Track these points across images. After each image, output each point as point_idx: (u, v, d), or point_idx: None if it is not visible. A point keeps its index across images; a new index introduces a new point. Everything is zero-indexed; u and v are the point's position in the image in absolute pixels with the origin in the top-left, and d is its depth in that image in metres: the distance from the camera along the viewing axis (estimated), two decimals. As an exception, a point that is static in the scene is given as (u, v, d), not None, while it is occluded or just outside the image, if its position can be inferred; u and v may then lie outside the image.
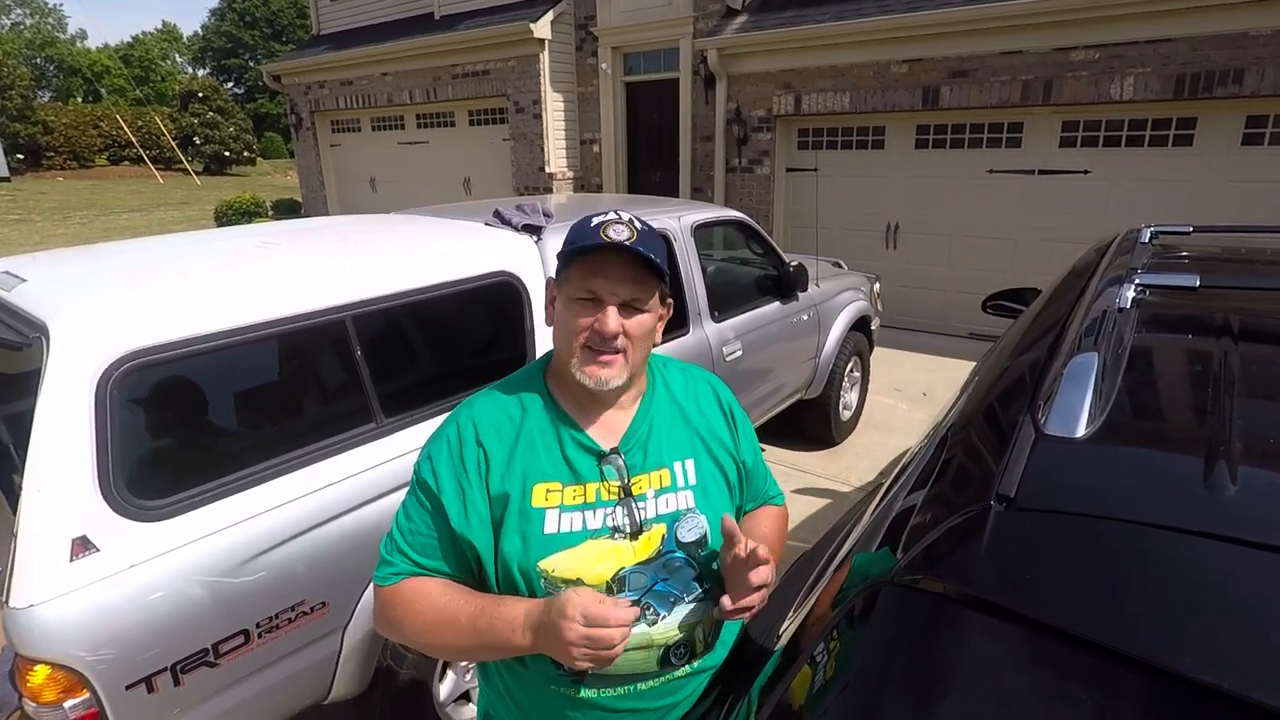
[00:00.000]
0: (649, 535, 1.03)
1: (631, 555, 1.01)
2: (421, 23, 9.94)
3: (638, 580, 1.01)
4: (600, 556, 1.00)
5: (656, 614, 1.02)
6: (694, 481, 1.08)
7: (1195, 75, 5.05)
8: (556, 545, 1.00)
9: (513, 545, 1.00)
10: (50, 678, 1.41)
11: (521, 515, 1.00)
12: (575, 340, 1.01)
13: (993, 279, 5.88)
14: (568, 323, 1.01)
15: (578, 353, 1.01)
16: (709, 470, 1.11)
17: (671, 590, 1.03)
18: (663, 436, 1.08)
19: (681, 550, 1.05)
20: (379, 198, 11.45)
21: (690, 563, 1.05)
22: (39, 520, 1.42)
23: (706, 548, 1.06)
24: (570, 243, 1.00)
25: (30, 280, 1.81)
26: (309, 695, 1.86)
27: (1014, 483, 0.82)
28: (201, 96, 24.13)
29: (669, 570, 1.04)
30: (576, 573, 0.99)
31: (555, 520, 1.00)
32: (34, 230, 13.79)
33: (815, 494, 3.85)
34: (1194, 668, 0.59)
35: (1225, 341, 1.18)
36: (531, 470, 1.02)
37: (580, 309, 1.00)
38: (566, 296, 1.02)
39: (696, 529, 1.05)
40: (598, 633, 0.87)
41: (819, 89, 6.80)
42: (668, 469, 1.07)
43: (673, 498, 1.06)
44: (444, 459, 1.04)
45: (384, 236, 2.52)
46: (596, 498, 1.02)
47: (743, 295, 3.59)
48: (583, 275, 0.99)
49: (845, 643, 0.82)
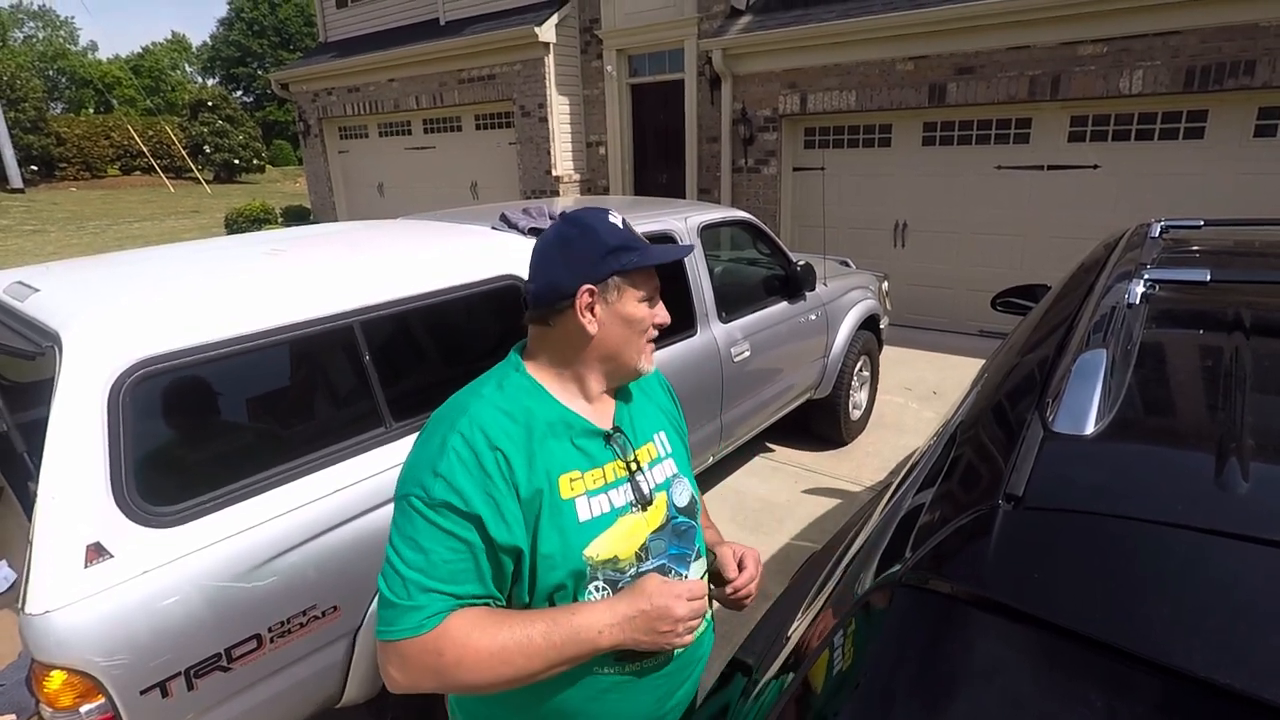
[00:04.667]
0: (657, 503, 1.11)
1: (646, 525, 1.09)
2: (427, 28, 9.99)
3: (658, 546, 1.09)
4: (630, 531, 1.07)
5: (680, 575, 1.10)
6: (670, 450, 1.19)
7: (1205, 68, 5.00)
8: (594, 530, 1.03)
9: (552, 543, 0.99)
10: (66, 683, 1.42)
11: (554, 510, 1.01)
12: (644, 336, 1.11)
13: (1002, 276, 5.86)
14: (638, 321, 1.09)
15: (644, 347, 1.12)
16: (674, 440, 1.22)
17: (685, 551, 1.13)
18: (638, 414, 1.18)
19: (682, 514, 1.14)
20: (387, 203, 11.52)
21: (693, 524, 1.16)
22: (54, 527, 1.44)
23: (698, 506, 1.19)
24: (626, 248, 1.06)
25: (43, 290, 1.84)
26: (321, 699, 1.87)
27: (1022, 481, 0.82)
28: (211, 105, 24.32)
29: (678, 534, 1.13)
30: (613, 550, 1.04)
31: (586, 507, 1.03)
32: (48, 240, 13.96)
33: (824, 494, 3.83)
34: (1206, 667, 0.58)
35: (1237, 337, 1.17)
36: (552, 464, 1.03)
37: (646, 306, 1.10)
38: (634, 298, 1.09)
39: (686, 491, 1.17)
40: (700, 604, 1.00)
41: (825, 88, 6.78)
42: (652, 442, 1.17)
43: (663, 467, 1.16)
44: (462, 475, 0.96)
45: (392, 242, 2.53)
46: (614, 477, 1.08)
47: (750, 295, 3.59)
48: (648, 277, 1.10)
49: (853, 643, 0.82)
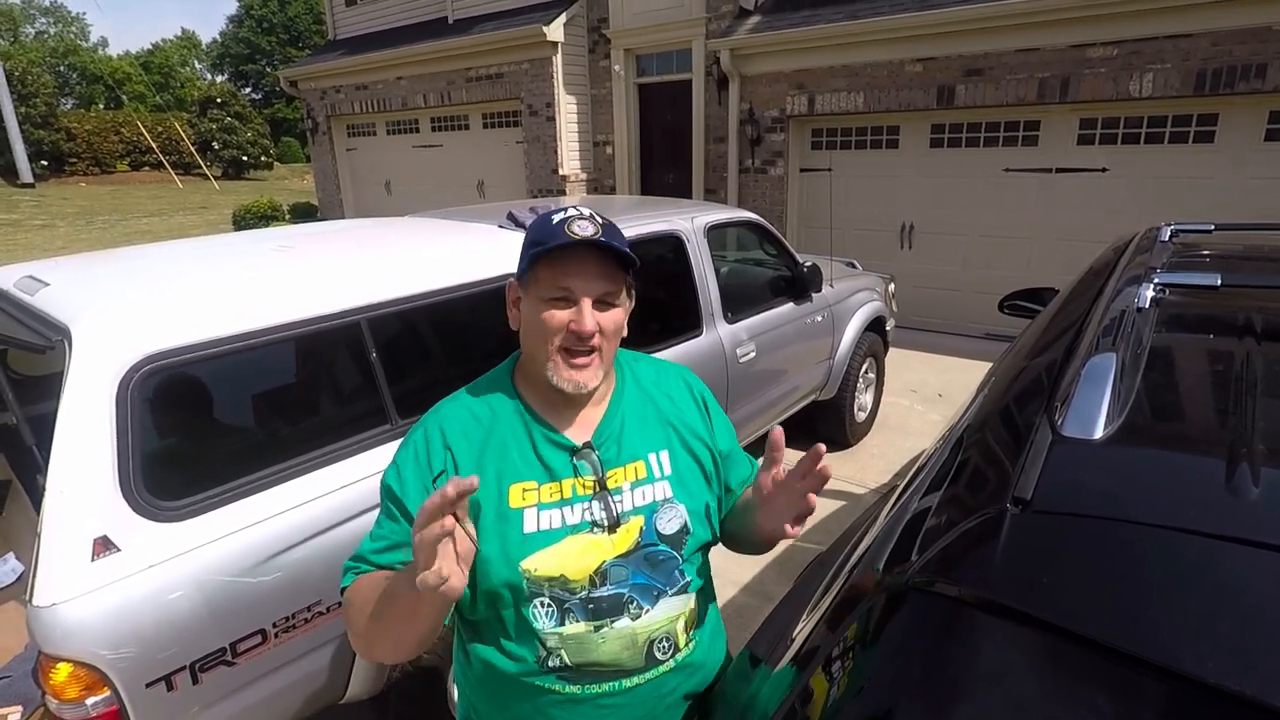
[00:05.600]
0: (627, 527, 1.03)
1: (611, 548, 1.01)
2: (435, 27, 10.01)
3: (619, 573, 1.01)
4: (581, 552, 1.00)
5: (640, 607, 1.02)
6: (669, 472, 1.08)
7: (1216, 71, 4.97)
8: (537, 544, 0.99)
9: (492, 549, 0.98)
10: (72, 675, 1.43)
11: (500, 517, 0.99)
12: (550, 342, 0.98)
13: (1009, 279, 5.83)
14: (539, 324, 0.98)
15: (553, 356, 0.98)
16: (684, 460, 1.10)
17: (654, 583, 1.03)
18: (635, 429, 1.08)
19: (664, 543, 1.05)
20: (394, 201, 11.54)
21: (673, 555, 1.05)
22: (61, 520, 1.44)
23: (690, 537, 1.07)
24: (536, 242, 0.97)
25: (53, 284, 1.84)
26: (325, 695, 1.87)
27: (1030, 485, 0.81)
28: (220, 102, 24.42)
29: (652, 564, 1.03)
30: (559, 569, 0.99)
31: (534, 519, 0.99)
32: (57, 235, 14.04)
33: (829, 496, 3.83)
34: (1215, 674, 0.58)
35: (1248, 342, 1.16)
36: (505, 471, 1.01)
37: (553, 308, 0.97)
38: (536, 297, 0.98)
39: (677, 519, 1.06)
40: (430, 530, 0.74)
41: (832, 89, 6.76)
42: (642, 461, 1.07)
43: (649, 489, 1.06)
44: (410, 465, 1.01)
45: (399, 240, 2.54)
46: (573, 493, 1.01)
47: (756, 296, 3.58)
48: (554, 274, 0.96)
49: (859, 647, 0.82)
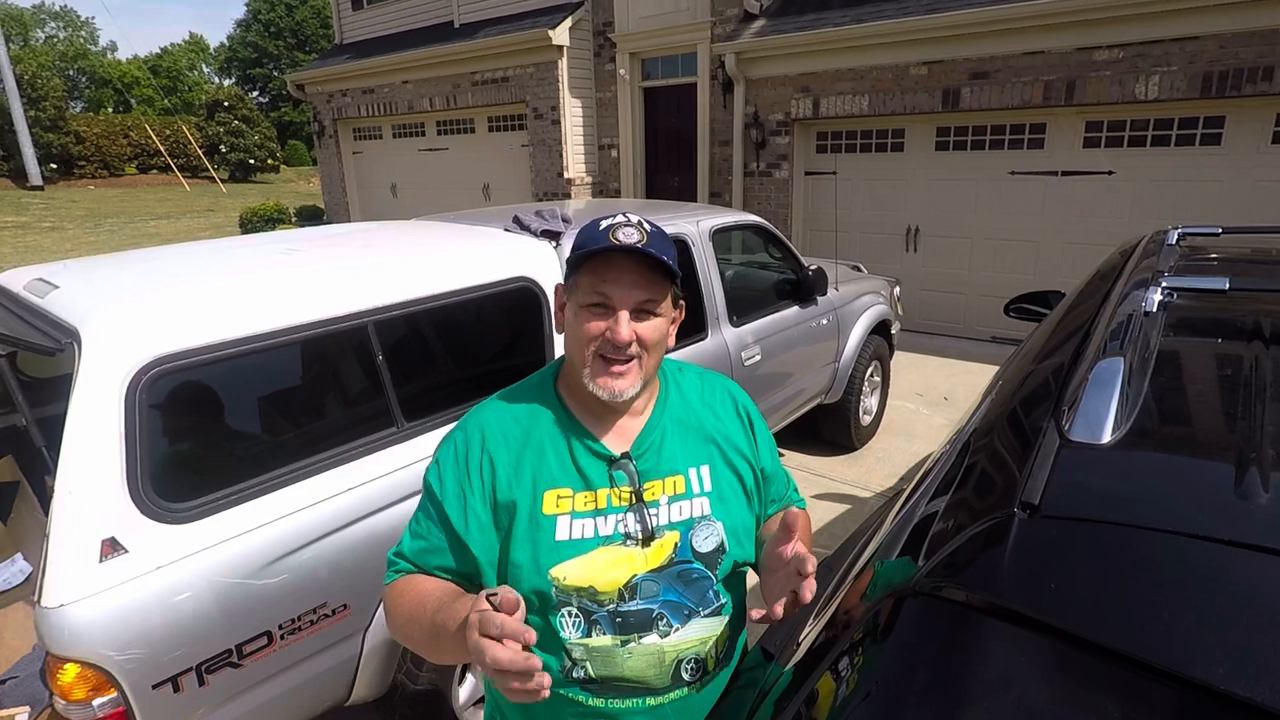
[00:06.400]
0: (661, 542, 1.00)
1: (644, 562, 0.99)
2: (441, 31, 10.05)
3: (650, 588, 0.99)
4: (612, 564, 0.98)
5: (670, 625, 1.00)
6: (709, 488, 1.05)
7: (1223, 73, 4.95)
8: (568, 552, 0.98)
9: (523, 554, 0.98)
10: (79, 676, 1.44)
11: (532, 522, 0.99)
12: (587, 349, 0.97)
13: (1015, 282, 5.82)
14: (578, 330, 0.98)
15: (590, 362, 0.98)
16: (725, 477, 1.08)
17: (685, 602, 1.01)
18: (676, 442, 1.06)
19: (699, 561, 1.02)
20: (400, 204, 11.58)
21: (708, 574, 1.02)
22: (70, 522, 1.45)
23: (726, 556, 1.04)
24: (579, 247, 0.97)
25: (62, 287, 1.86)
26: (330, 697, 1.88)
27: (1038, 490, 0.81)
28: (227, 106, 24.59)
29: (685, 581, 1.01)
30: (588, 579, 0.98)
31: (566, 527, 0.99)
32: (66, 238, 14.13)
33: (834, 499, 3.82)
34: (1225, 680, 0.58)
35: (1256, 345, 1.16)
36: (541, 477, 1.00)
37: (591, 316, 0.97)
38: (577, 303, 0.99)
39: (713, 537, 1.03)
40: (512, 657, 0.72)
41: (837, 92, 6.76)
42: (681, 475, 1.04)
43: (687, 504, 1.03)
44: (449, 464, 1.03)
45: (405, 243, 2.54)
46: (608, 503, 1.00)
47: (761, 300, 3.58)
48: (593, 281, 0.96)
49: (865, 652, 0.81)
